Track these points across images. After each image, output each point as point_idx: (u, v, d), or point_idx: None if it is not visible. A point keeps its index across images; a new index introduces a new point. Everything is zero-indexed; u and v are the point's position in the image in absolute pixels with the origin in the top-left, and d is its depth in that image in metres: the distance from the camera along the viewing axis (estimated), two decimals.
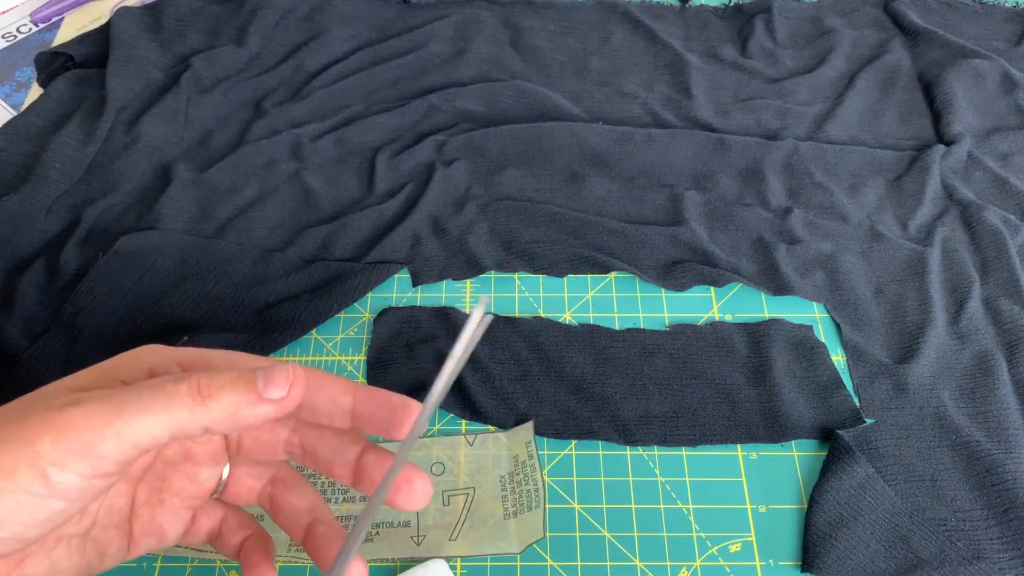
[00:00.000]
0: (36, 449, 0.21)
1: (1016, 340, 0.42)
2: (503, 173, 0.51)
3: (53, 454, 0.21)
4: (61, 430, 0.21)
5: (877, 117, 0.55)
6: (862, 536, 0.35)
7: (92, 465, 0.22)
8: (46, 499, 0.22)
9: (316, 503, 0.28)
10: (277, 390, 0.23)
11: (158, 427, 0.22)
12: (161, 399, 0.22)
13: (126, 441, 0.22)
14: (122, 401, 0.22)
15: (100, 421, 0.22)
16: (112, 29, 0.57)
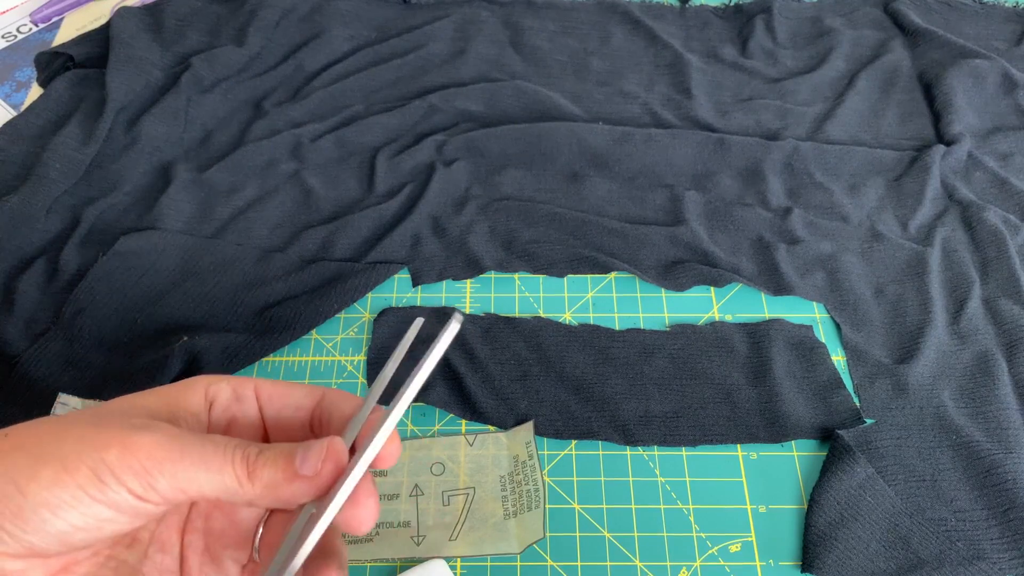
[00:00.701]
0: (102, 456, 0.22)
1: (1016, 340, 0.42)
2: (503, 173, 0.51)
3: (115, 465, 0.22)
4: (129, 448, 0.22)
5: (877, 117, 0.55)
6: (862, 536, 0.35)
7: (143, 489, 0.22)
8: (94, 503, 0.22)
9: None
10: (310, 466, 0.24)
11: (207, 485, 0.23)
12: (218, 460, 0.23)
13: (177, 484, 0.23)
14: (188, 447, 0.23)
15: (164, 455, 0.22)
16: (112, 29, 0.57)
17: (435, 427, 0.40)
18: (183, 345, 0.40)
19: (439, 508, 0.37)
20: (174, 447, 0.23)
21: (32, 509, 0.22)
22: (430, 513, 0.37)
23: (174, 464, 0.23)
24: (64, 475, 0.22)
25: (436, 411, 0.40)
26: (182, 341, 0.41)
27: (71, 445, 0.23)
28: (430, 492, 0.37)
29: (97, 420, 0.24)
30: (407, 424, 0.40)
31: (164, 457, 0.22)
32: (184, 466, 0.23)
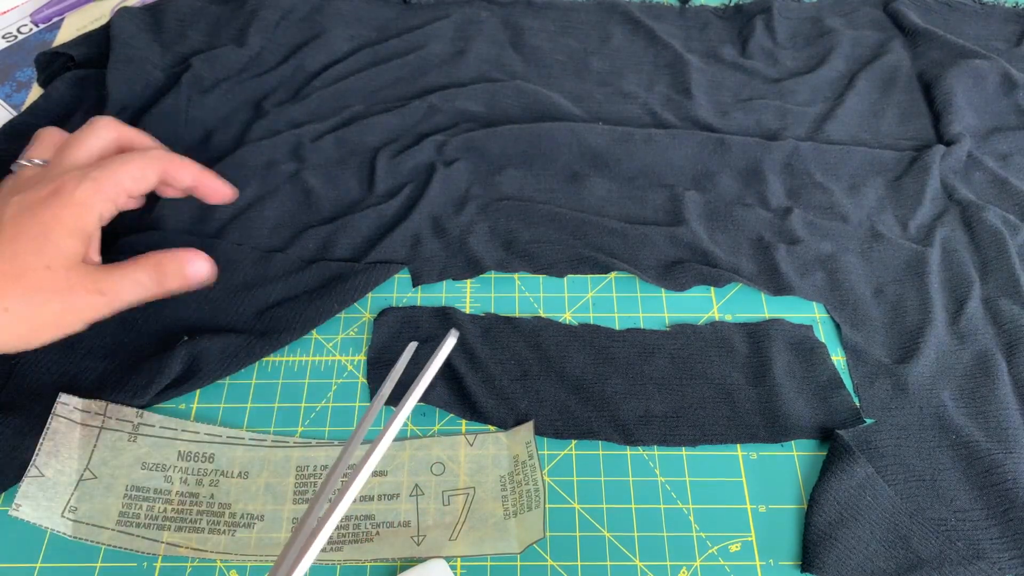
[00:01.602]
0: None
1: (1016, 340, 0.42)
2: (503, 173, 0.51)
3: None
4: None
5: (877, 117, 0.55)
6: (862, 536, 0.35)
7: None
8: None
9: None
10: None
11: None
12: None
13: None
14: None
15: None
16: (112, 29, 0.57)
17: (435, 427, 0.40)
18: (183, 345, 0.40)
19: (439, 508, 0.37)
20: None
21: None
22: (430, 513, 0.37)
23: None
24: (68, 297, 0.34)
25: (436, 411, 0.40)
26: (182, 341, 0.41)
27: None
28: (430, 492, 0.37)
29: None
30: (407, 424, 0.40)
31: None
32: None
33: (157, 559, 0.35)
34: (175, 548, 0.35)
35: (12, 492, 0.37)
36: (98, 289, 0.35)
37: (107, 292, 0.35)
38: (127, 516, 0.36)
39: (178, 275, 0.39)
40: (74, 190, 0.35)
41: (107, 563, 0.35)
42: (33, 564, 0.35)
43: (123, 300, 0.36)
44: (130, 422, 0.39)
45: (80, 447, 0.38)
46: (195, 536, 0.36)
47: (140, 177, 0.39)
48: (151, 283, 0.37)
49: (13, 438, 0.38)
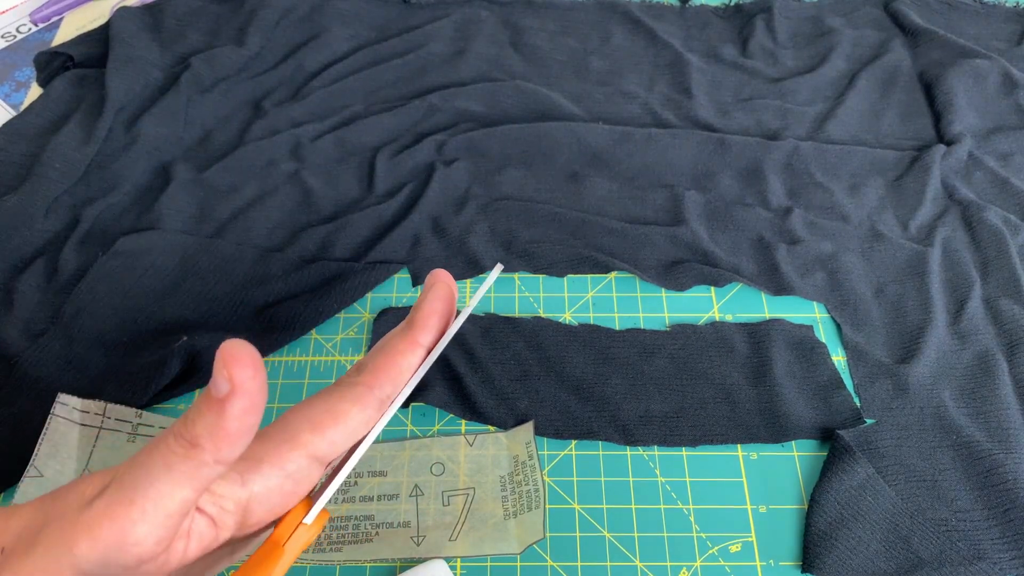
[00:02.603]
0: (75, 555, 0.20)
1: (1016, 340, 0.42)
2: (503, 173, 0.51)
3: (91, 555, 0.20)
4: (92, 529, 0.20)
5: (878, 117, 0.55)
6: (862, 536, 0.35)
7: (135, 553, 0.21)
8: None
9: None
10: (224, 384, 0.20)
11: (179, 487, 0.21)
12: (163, 456, 0.21)
13: (156, 518, 0.21)
14: (132, 479, 0.21)
15: (129, 505, 0.21)
16: (112, 29, 0.57)
17: (435, 427, 0.40)
18: (183, 345, 0.40)
19: (439, 508, 0.37)
20: (125, 491, 0.21)
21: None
22: (430, 513, 0.37)
23: (135, 506, 0.20)
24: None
25: (436, 411, 0.40)
26: (182, 341, 0.41)
27: (44, 554, 0.21)
28: (430, 492, 0.37)
29: (58, 512, 0.21)
30: (407, 424, 0.40)
31: (125, 511, 0.21)
32: (144, 498, 0.21)
33: None
34: None
35: (12, 492, 0.37)
36: None
37: None
38: None
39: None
40: None
41: None
42: None
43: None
44: (129, 422, 0.39)
45: (79, 447, 0.38)
46: None
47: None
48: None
49: (12, 438, 0.38)
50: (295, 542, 0.24)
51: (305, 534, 0.25)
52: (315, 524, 0.25)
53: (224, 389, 0.20)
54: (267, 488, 0.24)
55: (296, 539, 0.24)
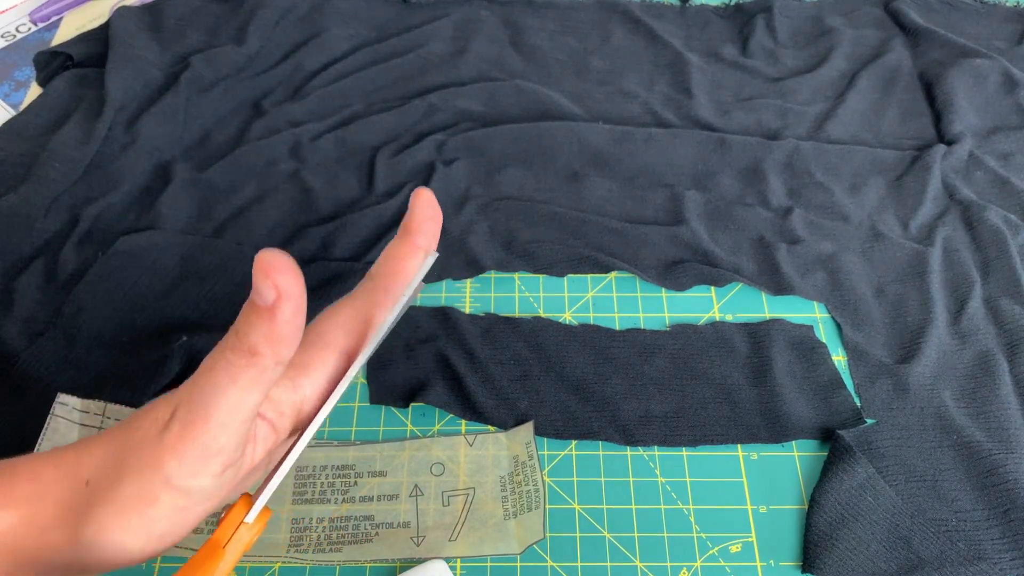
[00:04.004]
0: (165, 473, 0.22)
1: (1017, 340, 0.42)
2: (503, 173, 0.51)
3: (181, 470, 0.22)
4: (179, 449, 0.22)
5: (878, 117, 0.55)
6: (863, 537, 0.35)
7: (219, 463, 0.23)
8: (192, 508, 0.23)
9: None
10: (270, 292, 0.21)
11: (247, 394, 0.22)
12: (226, 371, 0.22)
13: (232, 425, 0.23)
14: (202, 397, 0.23)
15: (204, 422, 0.22)
16: (111, 28, 0.57)
17: (435, 427, 0.40)
18: (183, 345, 0.40)
19: (439, 508, 0.37)
20: (198, 409, 0.23)
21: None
22: (430, 513, 0.37)
23: (213, 418, 0.22)
24: (152, 510, 0.23)
25: (436, 411, 0.40)
26: (182, 341, 0.41)
27: (137, 478, 0.23)
28: (430, 492, 0.37)
29: (138, 442, 0.23)
30: (407, 424, 0.40)
31: (202, 424, 0.23)
32: (216, 409, 0.22)
33: (156, 559, 0.35)
34: (174, 549, 0.35)
35: None
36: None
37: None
38: None
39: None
40: None
41: None
42: None
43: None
44: None
45: None
46: (194, 537, 0.36)
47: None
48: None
49: (12, 438, 0.37)
50: (236, 543, 0.25)
51: (247, 534, 0.25)
52: (256, 523, 0.26)
53: (270, 297, 0.21)
54: (315, 389, 0.26)
55: (237, 540, 0.25)
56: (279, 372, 0.23)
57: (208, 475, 0.23)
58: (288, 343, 0.22)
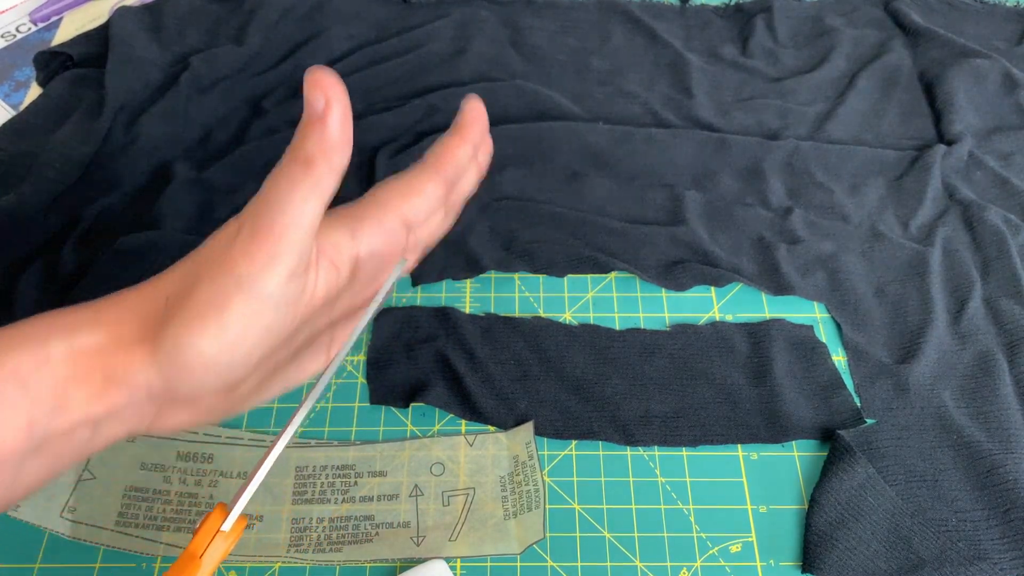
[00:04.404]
0: (236, 274, 0.24)
1: (1017, 340, 0.42)
2: (503, 173, 0.51)
3: (251, 271, 0.24)
4: (249, 250, 0.24)
5: (878, 117, 0.55)
6: (863, 536, 0.35)
7: (285, 266, 0.24)
8: (261, 314, 0.25)
9: None
10: (319, 100, 0.25)
11: (307, 201, 0.25)
12: (286, 180, 0.25)
13: (296, 233, 0.24)
14: (266, 208, 0.25)
15: (269, 227, 0.24)
16: (111, 28, 0.57)
17: (435, 427, 0.40)
18: None
19: (439, 508, 0.37)
20: (267, 216, 0.25)
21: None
22: (430, 513, 0.37)
23: (279, 221, 0.25)
24: (224, 314, 0.24)
25: (436, 411, 0.40)
26: None
27: (210, 284, 0.25)
28: (430, 492, 0.37)
29: (207, 255, 0.26)
30: (407, 424, 0.40)
31: (271, 228, 0.25)
32: (283, 212, 0.25)
33: (156, 559, 0.35)
34: (174, 548, 0.35)
35: None
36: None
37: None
38: (126, 516, 0.36)
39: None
40: None
41: (106, 563, 0.35)
42: (32, 564, 0.35)
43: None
44: None
45: None
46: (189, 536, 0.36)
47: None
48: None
49: None
50: (213, 552, 0.26)
51: (223, 543, 0.26)
52: (232, 532, 0.26)
53: (320, 104, 0.24)
54: (370, 244, 0.28)
55: (214, 549, 0.26)
56: (334, 182, 0.25)
57: (274, 279, 0.24)
58: (340, 150, 0.25)
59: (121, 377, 0.25)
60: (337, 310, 0.30)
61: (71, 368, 0.24)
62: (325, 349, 0.31)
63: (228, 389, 0.27)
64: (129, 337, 0.25)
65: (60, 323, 0.25)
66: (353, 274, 0.29)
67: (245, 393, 0.28)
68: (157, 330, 0.25)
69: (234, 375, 0.26)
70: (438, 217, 0.33)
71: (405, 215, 0.30)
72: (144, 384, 0.25)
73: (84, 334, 0.25)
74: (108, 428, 0.25)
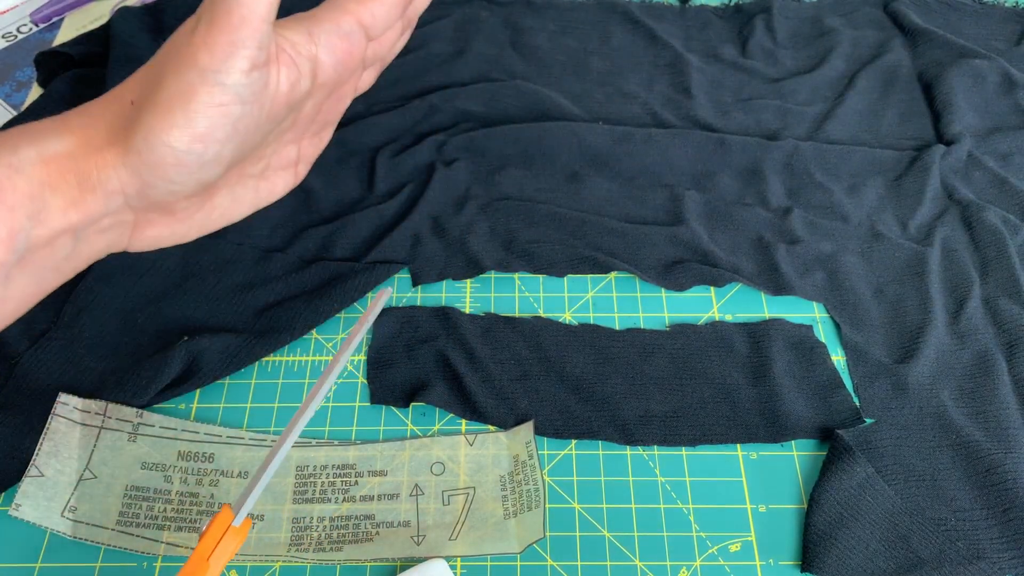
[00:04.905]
0: (200, 66, 0.24)
1: (1016, 340, 0.42)
2: (503, 173, 0.51)
3: (212, 62, 0.24)
4: (208, 41, 0.24)
5: (877, 117, 0.55)
6: (862, 536, 0.35)
7: (246, 56, 0.25)
8: (228, 107, 0.25)
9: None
10: None
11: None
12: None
13: (252, 22, 0.25)
14: (222, 3, 0.25)
15: (227, 16, 0.25)
16: (112, 29, 0.57)
17: (435, 427, 0.40)
18: (183, 345, 0.40)
19: (439, 508, 0.37)
20: (223, 8, 0.25)
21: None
22: (430, 513, 0.37)
23: (236, 12, 0.25)
24: (191, 104, 0.25)
25: (436, 411, 0.40)
26: (182, 341, 0.41)
27: (173, 78, 0.25)
28: (430, 492, 0.37)
29: (169, 51, 0.26)
30: (407, 424, 0.40)
31: (227, 19, 0.25)
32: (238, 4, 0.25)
33: (157, 559, 0.35)
34: (175, 548, 0.35)
35: (12, 492, 0.37)
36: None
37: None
38: (127, 516, 0.36)
39: None
40: None
41: (107, 563, 0.35)
42: (33, 564, 0.35)
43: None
44: (130, 422, 0.39)
45: (80, 447, 0.38)
46: (195, 536, 0.36)
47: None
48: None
49: (13, 438, 0.38)
50: (220, 553, 0.26)
51: (231, 544, 0.27)
52: (240, 532, 0.27)
53: None
54: (328, 45, 0.29)
55: (222, 550, 0.26)
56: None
57: (237, 70, 0.25)
58: None
59: (95, 182, 0.25)
60: (302, 118, 0.31)
61: (44, 174, 0.24)
62: (293, 165, 0.33)
63: (202, 191, 0.27)
64: (99, 141, 0.26)
65: (27, 132, 0.25)
66: (313, 75, 0.29)
67: (218, 203, 0.30)
68: (126, 131, 0.25)
69: (206, 173, 0.26)
70: (396, 30, 0.33)
71: (362, 18, 0.30)
72: (119, 188, 0.26)
73: (53, 141, 0.25)
74: (89, 240, 0.26)
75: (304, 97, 0.30)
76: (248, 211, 0.32)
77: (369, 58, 0.32)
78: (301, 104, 0.30)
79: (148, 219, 0.28)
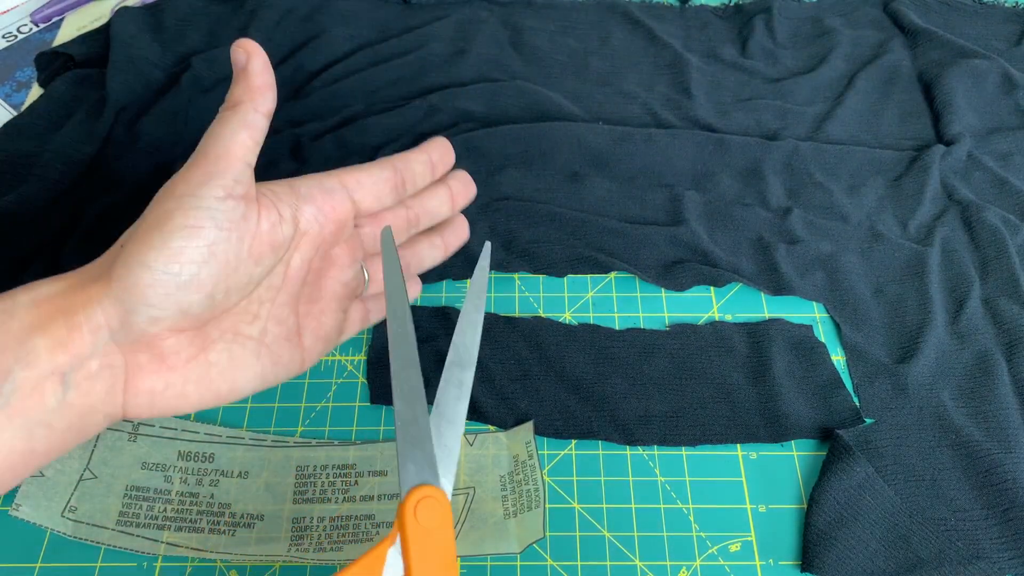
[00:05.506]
0: (176, 194, 0.27)
1: (1016, 340, 0.42)
2: (503, 173, 0.51)
3: (188, 189, 0.27)
4: (186, 175, 0.28)
5: (877, 117, 0.55)
6: (862, 536, 0.35)
7: (219, 184, 0.27)
8: (201, 228, 0.27)
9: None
10: (242, 56, 0.30)
11: (236, 132, 0.28)
12: (218, 121, 0.29)
13: (227, 159, 0.28)
14: (201, 145, 0.29)
15: (204, 154, 0.28)
16: (112, 29, 0.57)
17: None
18: None
19: None
20: (203, 152, 0.29)
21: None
22: None
23: (213, 151, 0.28)
24: (166, 224, 0.27)
25: None
26: None
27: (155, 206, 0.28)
28: None
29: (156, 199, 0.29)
30: None
31: (205, 160, 0.28)
32: (216, 141, 0.29)
33: (157, 559, 0.35)
34: (175, 548, 0.35)
35: (12, 492, 0.37)
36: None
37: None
38: (127, 516, 0.36)
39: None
40: None
41: (107, 563, 0.35)
42: (33, 564, 0.35)
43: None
44: (130, 422, 0.39)
45: (80, 447, 0.38)
46: (195, 536, 0.36)
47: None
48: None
49: None
50: (439, 535, 0.27)
51: (436, 516, 0.28)
52: (439, 502, 0.29)
53: (243, 59, 0.29)
54: (310, 194, 0.32)
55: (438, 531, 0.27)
56: (261, 120, 0.29)
57: (211, 196, 0.27)
58: (262, 93, 0.29)
59: (81, 318, 0.26)
60: (292, 276, 0.32)
61: (34, 316, 0.25)
62: (296, 336, 0.33)
63: (188, 327, 0.28)
64: (87, 280, 0.27)
65: (29, 284, 0.27)
66: (295, 221, 0.31)
67: (215, 359, 0.30)
68: (111, 267, 0.27)
69: (185, 297, 0.27)
70: (389, 201, 0.36)
71: (344, 180, 0.33)
72: (103, 323, 0.26)
73: (46, 286, 0.27)
74: (79, 387, 0.26)
75: (288, 242, 0.31)
76: (253, 383, 0.31)
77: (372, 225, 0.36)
78: (287, 253, 0.31)
79: (137, 363, 0.27)
